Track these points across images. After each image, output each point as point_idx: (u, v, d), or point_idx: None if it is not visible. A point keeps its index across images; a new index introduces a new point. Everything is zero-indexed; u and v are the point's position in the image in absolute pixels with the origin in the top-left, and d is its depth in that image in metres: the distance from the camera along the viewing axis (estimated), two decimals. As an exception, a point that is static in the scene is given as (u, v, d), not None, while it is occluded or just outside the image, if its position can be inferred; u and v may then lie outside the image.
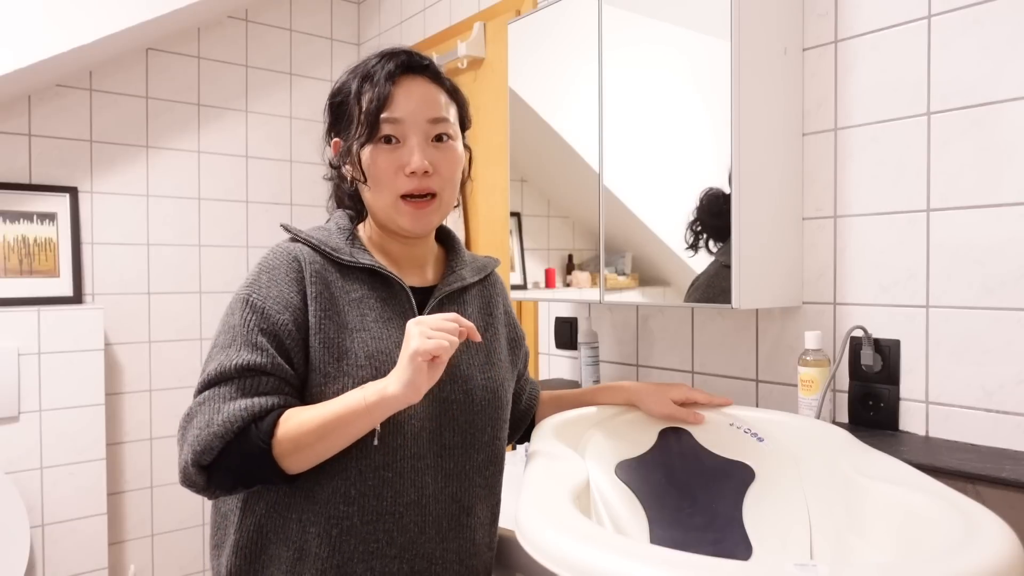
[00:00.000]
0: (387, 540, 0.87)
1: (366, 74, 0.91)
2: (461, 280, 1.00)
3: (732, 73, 1.18)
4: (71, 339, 2.03)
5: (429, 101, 0.91)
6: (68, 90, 2.18)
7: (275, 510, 0.87)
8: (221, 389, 0.82)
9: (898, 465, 0.86)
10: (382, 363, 0.87)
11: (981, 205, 1.09)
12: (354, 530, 0.85)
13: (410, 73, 0.92)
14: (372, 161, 0.90)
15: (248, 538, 0.87)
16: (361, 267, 0.92)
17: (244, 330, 0.84)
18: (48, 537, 2.00)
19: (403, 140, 0.90)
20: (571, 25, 1.49)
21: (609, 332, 1.71)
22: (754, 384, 1.41)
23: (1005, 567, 0.57)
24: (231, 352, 0.83)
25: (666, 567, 0.57)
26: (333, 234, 0.94)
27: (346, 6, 2.78)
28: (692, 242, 1.25)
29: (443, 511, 0.91)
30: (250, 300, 0.86)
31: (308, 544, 0.85)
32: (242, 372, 0.82)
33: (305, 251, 0.91)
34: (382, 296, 0.92)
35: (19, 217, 2.09)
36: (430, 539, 0.90)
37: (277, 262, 0.89)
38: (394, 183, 0.90)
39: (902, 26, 1.18)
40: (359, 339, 0.87)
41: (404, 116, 0.89)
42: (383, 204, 0.92)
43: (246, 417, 0.79)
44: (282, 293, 0.86)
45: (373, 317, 0.90)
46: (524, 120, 1.63)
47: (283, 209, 2.61)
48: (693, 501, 1.01)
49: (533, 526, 0.69)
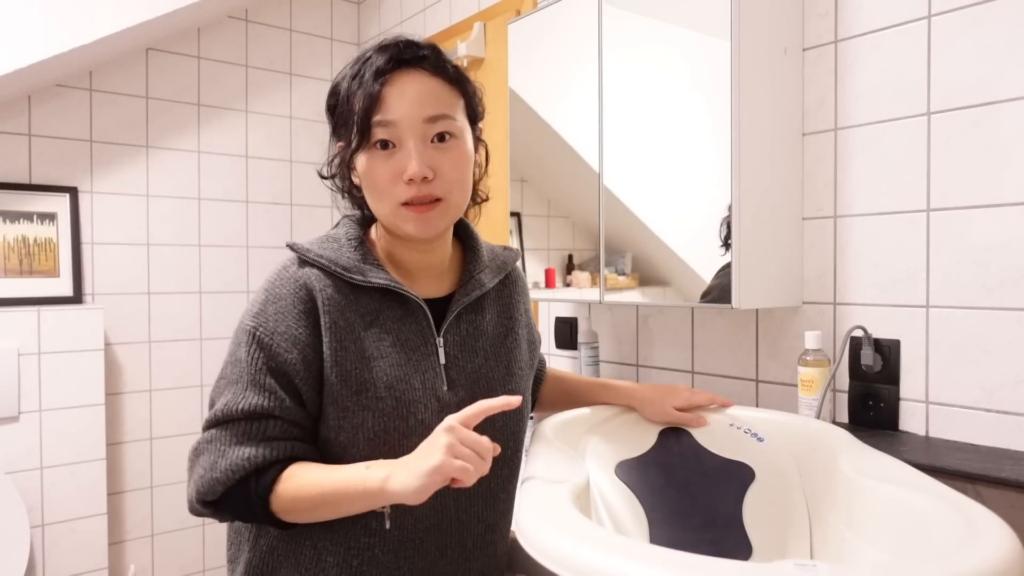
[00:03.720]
0: (408, 567, 0.84)
1: (356, 72, 0.83)
2: (480, 287, 0.92)
3: (732, 73, 1.18)
4: (71, 339, 2.03)
5: (425, 97, 0.82)
6: (68, 90, 2.18)
7: (288, 534, 0.85)
8: (228, 431, 0.79)
9: (898, 465, 0.86)
10: (403, 392, 0.82)
11: (981, 205, 1.09)
12: (375, 560, 0.83)
13: (403, 67, 0.82)
14: (368, 169, 0.83)
15: (260, 559, 0.85)
16: (375, 287, 0.85)
17: (251, 368, 0.80)
18: (48, 537, 2.00)
19: (399, 144, 0.82)
20: (571, 25, 1.49)
21: (609, 332, 1.71)
22: (754, 384, 1.41)
23: (1005, 567, 0.57)
24: (237, 391, 0.80)
25: (666, 567, 0.57)
26: (343, 247, 0.87)
27: (346, 6, 2.78)
28: (725, 238, 1.21)
29: (467, 532, 0.88)
30: (256, 335, 0.81)
31: (325, 571, 0.83)
32: (248, 416, 0.79)
33: (314, 276, 0.83)
34: (398, 315, 0.86)
35: (19, 217, 2.09)
36: (453, 560, 0.87)
37: (285, 291, 0.82)
38: (393, 191, 0.82)
39: (902, 26, 1.18)
40: (378, 368, 0.82)
41: (398, 118, 0.81)
42: (385, 212, 0.85)
43: (247, 468, 0.77)
44: (290, 328, 0.81)
45: (390, 341, 0.84)
46: (524, 120, 1.63)
47: (283, 209, 2.61)
48: (693, 501, 1.01)
49: (533, 526, 0.69)
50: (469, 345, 0.91)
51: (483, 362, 0.91)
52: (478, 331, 0.92)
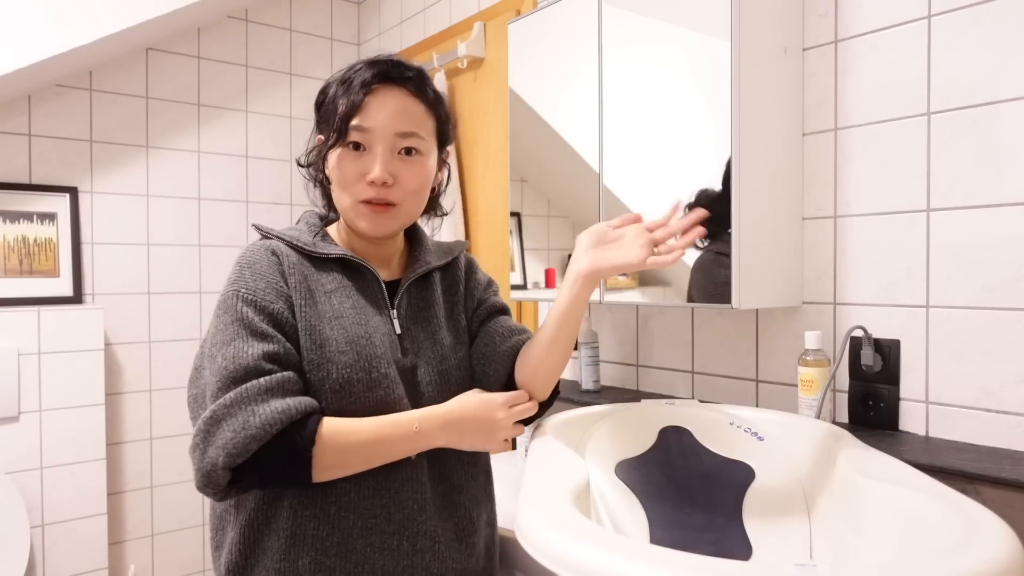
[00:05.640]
0: (385, 516, 0.89)
1: (345, 79, 0.93)
2: (426, 265, 1.02)
3: (732, 73, 1.18)
4: (71, 339, 2.03)
5: (402, 114, 0.92)
6: (68, 90, 2.18)
7: (265, 502, 0.87)
8: (249, 389, 0.80)
9: (898, 465, 0.86)
10: (363, 347, 0.89)
11: (981, 205, 1.09)
12: (352, 505, 0.87)
13: (388, 83, 0.92)
14: (338, 164, 0.93)
15: (242, 534, 0.87)
16: (333, 258, 0.94)
17: (246, 322, 0.84)
18: (48, 537, 2.00)
19: (369, 148, 0.91)
20: (571, 25, 1.49)
21: (609, 332, 1.71)
22: (754, 384, 1.41)
23: (1005, 567, 0.57)
24: (240, 344, 0.83)
25: (666, 567, 0.57)
26: (303, 232, 0.97)
27: (346, 6, 2.78)
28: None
29: (436, 491, 0.94)
30: (241, 294, 0.86)
31: (302, 528, 0.86)
32: (260, 362, 0.81)
33: (280, 245, 0.92)
34: (356, 286, 0.95)
35: (19, 217, 2.09)
36: (430, 517, 0.92)
37: (256, 257, 0.90)
38: (355, 188, 0.92)
39: (902, 26, 1.18)
40: (338, 326, 0.89)
41: (373, 126, 0.91)
42: (345, 206, 0.94)
43: (284, 420, 0.79)
44: (270, 284, 0.87)
45: (349, 305, 0.92)
46: (524, 120, 1.63)
47: (283, 209, 2.61)
48: (693, 501, 1.01)
49: (533, 526, 0.69)
50: (422, 316, 0.99)
51: (436, 331, 0.99)
52: (427, 303, 1.01)
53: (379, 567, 0.88)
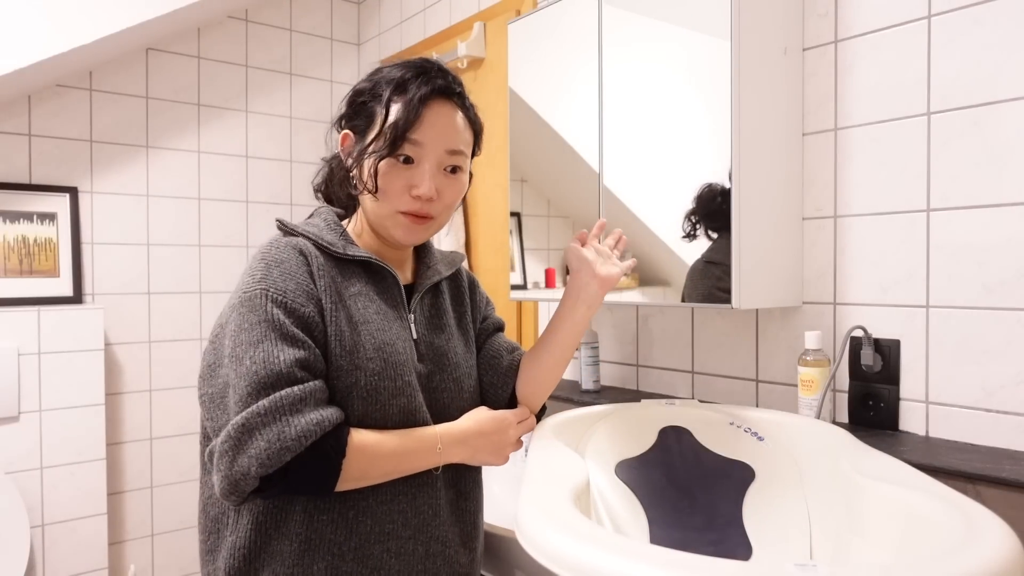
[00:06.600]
0: (402, 521, 0.89)
1: (401, 86, 0.90)
2: (438, 274, 1.04)
3: (732, 73, 1.18)
4: (71, 339, 2.03)
5: (452, 131, 0.92)
6: (68, 90, 2.18)
7: (275, 505, 0.86)
8: (284, 398, 0.78)
9: (898, 465, 0.86)
10: (389, 354, 0.89)
11: (981, 205, 1.09)
12: (370, 510, 0.87)
13: (443, 97, 0.92)
14: (384, 173, 0.91)
15: (246, 538, 0.85)
16: (358, 261, 0.93)
17: (276, 324, 0.81)
18: (48, 537, 2.00)
19: (418, 162, 0.91)
20: (571, 25, 1.49)
21: (609, 332, 1.71)
22: (754, 384, 1.41)
23: (1005, 567, 0.57)
24: (268, 347, 0.80)
25: (666, 567, 0.57)
26: (324, 230, 0.94)
27: (346, 6, 2.78)
28: (689, 231, 1.25)
29: (446, 497, 0.96)
30: (270, 294, 0.82)
31: (319, 532, 0.85)
32: (293, 369, 0.79)
33: (307, 245, 0.90)
34: (378, 288, 0.94)
35: (19, 217, 2.09)
36: (443, 522, 0.94)
37: (284, 255, 0.86)
38: (399, 199, 0.91)
39: (902, 26, 1.18)
40: (365, 331, 0.88)
41: (426, 141, 0.90)
42: (383, 213, 0.93)
43: (319, 432, 0.79)
44: (300, 285, 0.85)
45: (374, 310, 0.91)
46: (524, 120, 1.63)
47: (283, 209, 2.61)
48: (693, 501, 1.01)
49: (533, 526, 0.69)
50: (434, 323, 1.00)
51: (448, 338, 1.01)
52: (439, 311, 1.02)
53: (394, 572, 0.88)
